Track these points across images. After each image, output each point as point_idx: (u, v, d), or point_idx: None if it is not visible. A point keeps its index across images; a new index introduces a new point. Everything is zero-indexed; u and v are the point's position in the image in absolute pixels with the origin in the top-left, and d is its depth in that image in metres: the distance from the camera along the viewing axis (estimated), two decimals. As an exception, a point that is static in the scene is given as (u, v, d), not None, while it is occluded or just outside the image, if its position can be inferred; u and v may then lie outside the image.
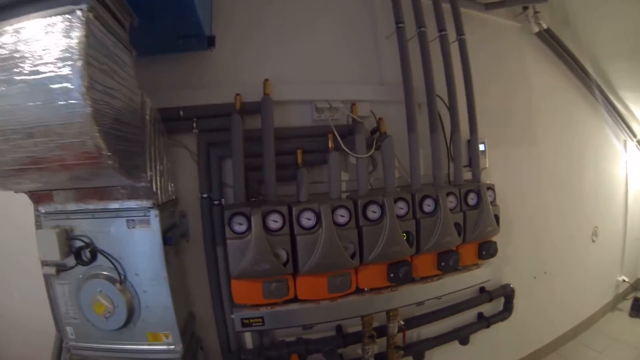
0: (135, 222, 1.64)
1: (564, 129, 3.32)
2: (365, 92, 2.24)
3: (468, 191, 2.22)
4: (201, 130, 2.00)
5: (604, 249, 3.90)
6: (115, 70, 1.34)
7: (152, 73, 1.90)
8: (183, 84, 2.03)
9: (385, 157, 2.04)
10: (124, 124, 1.41)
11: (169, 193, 1.87)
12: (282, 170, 2.01)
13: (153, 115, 1.73)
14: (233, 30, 2.12)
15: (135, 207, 1.63)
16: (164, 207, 1.77)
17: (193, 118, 1.97)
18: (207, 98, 2.00)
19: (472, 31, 2.52)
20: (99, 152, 1.21)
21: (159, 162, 1.75)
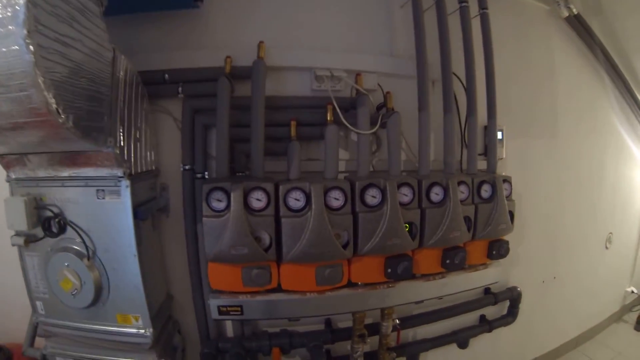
0: (105, 193, 1.47)
1: (587, 125, 3.01)
2: (373, 63, 1.95)
3: (482, 182, 1.94)
4: (187, 96, 1.78)
5: (616, 257, 3.62)
6: (74, 17, 1.16)
7: (136, 33, 1.75)
8: (170, 46, 1.81)
9: (391, 136, 1.77)
10: (86, 79, 1.22)
11: (147, 162, 1.68)
12: (274, 143, 1.78)
13: (130, 75, 1.53)
14: None
15: (105, 175, 1.45)
16: (140, 177, 1.59)
17: (179, 82, 1.76)
18: (196, 61, 1.78)
19: (495, 9, 2.21)
20: (47, 107, 1.02)
21: (134, 128, 1.56)
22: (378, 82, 1.91)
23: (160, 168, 1.82)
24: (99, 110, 1.32)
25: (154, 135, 1.76)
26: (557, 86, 2.70)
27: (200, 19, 1.80)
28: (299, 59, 1.84)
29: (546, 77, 2.66)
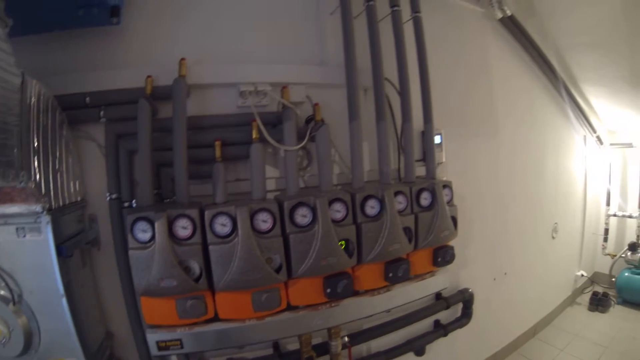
0: (26, 230, 1.31)
1: (525, 121, 3.00)
2: (301, 73, 1.79)
3: (421, 190, 1.82)
4: (109, 120, 1.59)
5: (563, 245, 3.68)
6: None
7: (52, 53, 1.54)
8: (89, 66, 1.60)
9: (321, 150, 1.62)
10: None
11: (71, 194, 1.51)
12: (200, 166, 1.62)
13: (44, 101, 1.36)
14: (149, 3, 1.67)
15: (24, 212, 1.28)
16: (64, 211, 1.42)
17: (101, 105, 1.58)
18: (117, 82, 1.59)
19: (429, 12, 2.10)
20: None
21: (53, 158, 1.38)
22: (307, 93, 1.76)
23: (87, 198, 1.62)
24: (7, 143, 1.16)
25: (78, 163, 1.57)
26: (494, 86, 2.66)
27: (120, 36, 1.61)
28: (222, 75, 1.66)
29: (483, 77, 2.60)
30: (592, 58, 3.29)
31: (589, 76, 3.48)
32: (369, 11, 1.82)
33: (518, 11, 2.79)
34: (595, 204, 4.29)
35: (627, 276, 3.88)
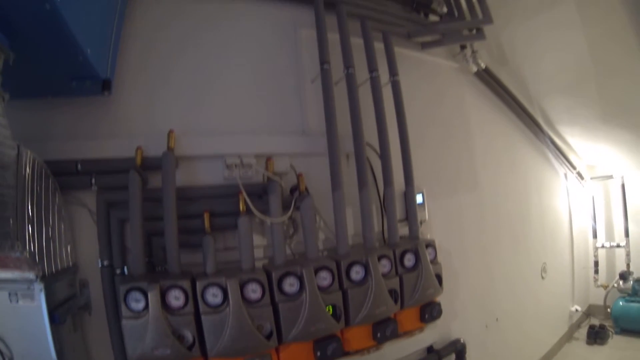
0: (19, 296, 1.30)
1: (505, 168, 3.08)
2: (285, 144, 1.85)
3: (404, 251, 1.86)
4: (101, 188, 1.60)
5: (554, 283, 3.68)
6: None
7: (45, 119, 1.56)
8: (80, 133, 1.63)
9: (305, 220, 1.66)
10: None
11: (63, 260, 1.48)
12: (189, 236, 1.63)
13: (38, 170, 1.37)
14: (140, 76, 1.73)
15: (17, 278, 1.28)
16: (56, 277, 1.40)
17: (92, 173, 1.59)
18: (107, 151, 1.62)
19: (407, 72, 2.22)
20: None
21: (46, 226, 1.37)
22: (291, 162, 1.81)
23: (78, 263, 1.60)
24: (4, 215, 1.16)
25: (69, 229, 1.56)
26: (472, 137, 2.74)
27: (110, 107, 1.65)
28: (209, 147, 1.70)
29: (461, 131, 2.68)
30: (564, 100, 3.45)
31: (563, 117, 3.63)
32: (349, 79, 1.91)
33: (491, 62, 2.95)
34: (582, 238, 4.34)
35: (622, 305, 3.89)
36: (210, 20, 1.89)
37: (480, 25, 2.48)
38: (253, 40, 1.97)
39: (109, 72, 1.54)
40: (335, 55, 1.93)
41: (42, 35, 1.20)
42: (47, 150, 1.43)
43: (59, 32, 1.18)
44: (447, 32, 2.46)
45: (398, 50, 2.21)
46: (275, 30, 2.03)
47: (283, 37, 2.04)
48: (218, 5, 1.92)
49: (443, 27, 2.40)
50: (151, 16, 1.77)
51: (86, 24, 1.31)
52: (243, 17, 1.96)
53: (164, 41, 1.79)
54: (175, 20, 1.83)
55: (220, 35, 1.90)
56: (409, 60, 2.38)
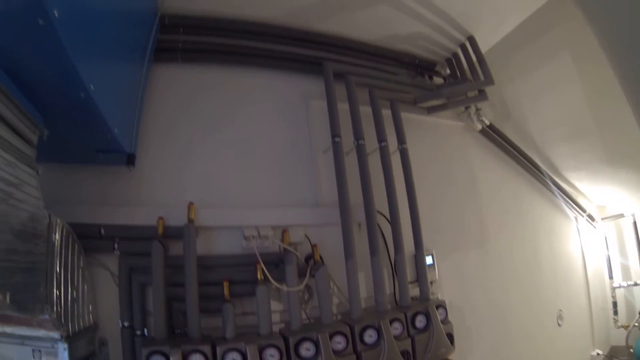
0: (42, 354, 1.33)
1: (513, 220, 3.10)
2: (299, 216, 1.95)
3: (415, 313, 1.90)
4: (123, 253, 1.68)
5: (572, 329, 3.56)
6: (9, 193, 1.06)
7: (72, 183, 1.65)
8: (105, 199, 1.74)
9: (320, 288, 1.74)
10: (22, 254, 1.13)
11: (85, 319, 1.53)
12: (209, 302, 1.69)
13: (66, 236, 1.43)
14: (161, 147, 1.87)
15: (42, 336, 1.31)
16: (78, 336, 1.43)
17: (115, 238, 1.67)
18: (131, 217, 1.71)
19: (414, 134, 2.33)
20: None
21: (71, 288, 1.43)
22: (306, 232, 1.90)
23: (98, 322, 1.65)
24: (35, 281, 1.23)
25: (92, 290, 1.62)
26: (480, 193, 2.79)
27: (134, 176, 1.76)
28: (227, 219, 1.81)
29: (469, 188, 2.74)
30: (568, 147, 3.49)
31: (569, 163, 3.66)
32: (359, 150, 2.02)
33: (495, 118, 3.05)
34: (598, 279, 4.22)
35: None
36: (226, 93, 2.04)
37: (482, 87, 2.60)
38: (268, 112, 2.11)
39: (133, 147, 1.65)
40: (345, 122, 2.04)
41: (75, 117, 1.27)
42: (72, 213, 1.50)
43: (91, 116, 1.24)
44: (451, 96, 2.58)
45: (405, 115, 2.32)
46: (287, 102, 2.17)
47: (295, 109, 2.18)
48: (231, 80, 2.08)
49: (447, 92, 2.52)
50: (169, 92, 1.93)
51: (115, 106, 1.39)
52: (258, 89, 2.12)
53: (183, 115, 1.93)
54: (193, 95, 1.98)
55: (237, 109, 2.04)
56: (416, 123, 2.49)
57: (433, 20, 2.36)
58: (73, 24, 0.94)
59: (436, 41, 2.59)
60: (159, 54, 1.91)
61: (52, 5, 0.82)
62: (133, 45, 1.65)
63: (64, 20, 0.87)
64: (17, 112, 1.09)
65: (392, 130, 2.23)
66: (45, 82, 1.09)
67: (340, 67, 2.21)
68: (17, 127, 1.11)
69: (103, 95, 1.19)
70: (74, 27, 0.95)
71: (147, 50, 1.79)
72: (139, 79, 1.73)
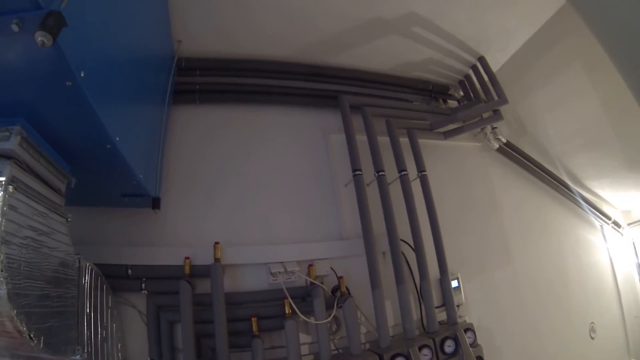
0: None
1: (537, 235, 3.01)
2: (324, 250, 1.96)
3: (444, 339, 1.87)
4: (150, 292, 1.71)
5: (606, 341, 3.39)
6: (42, 241, 1.11)
7: (99, 225, 1.69)
8: (131, 240, 1.77)
9: (348, 319, 1.74)
10: (54, 299, 1.16)
11: (115, 357, 1.55)
12: (238, 337, 1.70)
13: (95, 278, 1.46)
14: (184, 189, 1.91)
15: None
16: None
17: (142, 278, 1.69)
18: (157, 258, 1.73)
19: (432, 159, 2.34)
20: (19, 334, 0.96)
21: (101, 328, 1.46)
22: (331, 265, 1.91)
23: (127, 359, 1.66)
24: (67, 323, 1.24)
25: (120, 328, 1.63)
26: (501, 211, 2.74)
27: (160, 218, 1.80)
28: (253, 256, 1.84)
29: (490, 207, 2.70)
30: (587, 157, 3.41)
31: (589, 172, 3.56)
32: (380, 181, 2.04)
33: (511, 135, 3.01)
34: (629, 287, 4.03)
35: (681, 348, 3.55)
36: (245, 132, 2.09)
37: (496, 107, 2.59)
38: (288, 149, 2.15)
39: (157, 191, 1.68)
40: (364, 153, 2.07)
41: (101, 165, 1.30)
42: (98, 255, 1.52)
43: (117, 165, 1.26)
44: (466, 119, 2.58)
45: (422, 142, 2.33)
46: (306, 136, 2.22)
47: (315, 144, 2.22)
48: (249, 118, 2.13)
49: (462, 115, 2.52)
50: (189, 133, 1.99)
51: (139, 153, 1.41)
52: (276, 127, 2.17)
53: (204, 156, 1.98)
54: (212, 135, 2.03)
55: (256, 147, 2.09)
56: (433, 148, 2.49)
57: (443, 45, 2.39)
58: (98, 81, 0.97)
59: (448, 65, 2.61)
60: (177, 96, 1.98)
61: (79, 68, 0.85)
62: (153, 91, 1.69)
63: (89, 79, 0.89)
64: (46, 164, 1.14)
65: (411, 157, 2.24)
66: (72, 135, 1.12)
67: (356, 100, 2.25)
68: (46, 178, 1.16)
69: (128, 144, 1.22)
70: (99, 84, 0.98)
71: (166, 94, 1.84)
72: (160, 123, 1.78)
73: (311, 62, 2.29)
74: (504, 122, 2.90)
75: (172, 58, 1.95)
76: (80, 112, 0.98)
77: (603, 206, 3.88)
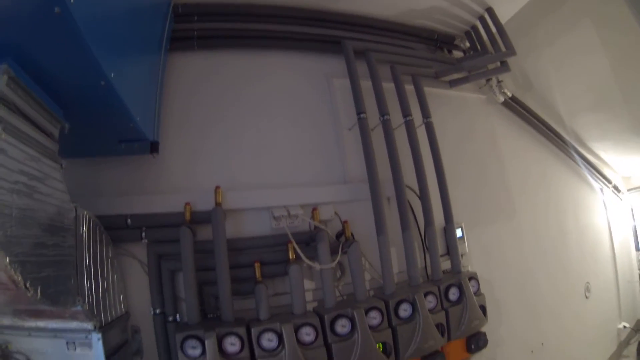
0: (76, 345, 1.32)
1: (539, 192, 3.03)
2: (328, 194, 1.93)
3: (449, 286, 1.89)
4: (151, 241, 1.68)
5: (599, 302, 3.51)
6: (34, 187, 1.07)
7: (95, 176, 1.66)
8: (130, 189, 1.73)
9: (353, 264, 1.73)
10: (50, 247, 1.13)
11: (117, 309, 1.54)
12: (240, 284, 1.69)
13: (93, 227, 1.43)
14: (182, 134, 1.85)
15: (75, 328, 1.31)
16: (111, 325, 1.44)
17: (142, 227, 1.66)
18: (156, 205, 1.70)
19: (437, 109, 2.29)
20: (14, 284, 0.94)
21: (102, 279, 1.44)
22: (335, 210, 1.89)
23: (130, 311, 1.66)
24: (65, 273, 1.22)
25: (122, 279, 1.62)
26: (505, 165, 2.73)
27: (158, 164, 1.75)
28: (256, 200, 1.79)
29: (493, 161, 2.69)
30: (593, 117, 3.39)
31: (593, 133, 3.56)
32: (385, 125, 1.99)
33: (516, 89, 2.97)
34: (625, 251, 4.14)
35: (671, 317, 3.68)
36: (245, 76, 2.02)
37: (504, 59, 2.53)
38: (289, 93, 2.09)
39: (155, 135, 1.62)
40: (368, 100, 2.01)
41: (96, 107, 1.25)
42: (97, 206, 1.49)
43: (113, 105, 1.22)
44: (472, 69, 2.52)
45: (427, 90, 2.28)
46: (309, 82, 2.15)
47: (317, 88, 2.15)
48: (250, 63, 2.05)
49: (469, 64, 2.46)
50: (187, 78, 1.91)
51: (135, 94, 1.36)
52: (277, 71, 2.09)
53: (203, 101, 1.91)
54: (211, 80, 1.95)
55: (256, 91, 2.02)
56: (438, 98, 2.44)
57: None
58: (89, 12, 0.92)
59: (454, 14, 2.52)
60: (175, 43, 1.90)
61: (66, -8, 0.79)
62: (148, 36, 1.63)
63: (79, 7, 0.85)
64: (37, 107, 1.09)
65: (416, 105, 2.19)
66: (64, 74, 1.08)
67: (359, 45, 2.17)
68: (37, 121, 1.11)
69: (123, 82, 1.18)
70: (89, 15, 0.93)
71: (163, 40, 1.77)
72: (157, 68, 1.71)
73: (313, 6, 2.18)
74: (510, 76, 2.86)
75: (168, 4, 1.86)
76: (71, 44, 0.93)
77: (604, 170, 3.90)
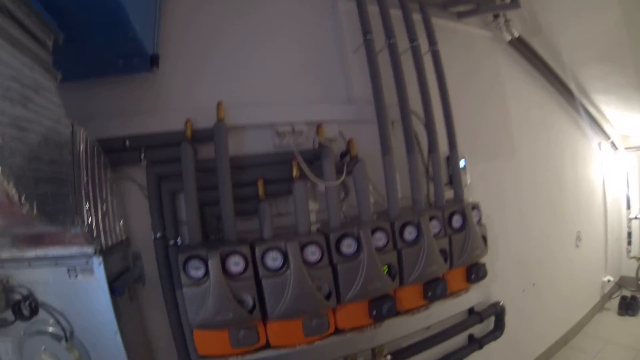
0: (77, 271, 1.31)
1: (540, 137, 3.04)
2: (333, 112, 1.88)
3: (452, 213, 1.90)
4: (150, 162, 1.62)
5: (588, 252, 3.64)
6: (28, 96, 1.03)
7: (92, 98, 1.58)
8: (128, 111, 1.65)
9: (358, 184, 1.71)
10: (46, 162, 1.10)
11: (117, 234, 1.52)
12: (243, 204, 1.65)
13: (91, 147, 1.39)
14: (183, 49, 1.76)
15: (75, 254, 1.29)
16: (112, 250, 1.43)
17: (141, 148, 1.60)
18: (156, 125, 1.63)
19: (443, 42, 2.21)
20: (8, 198, 0.91)
21: (101, 201, 1.41)
22: (339, 129, 1.85)
23: (130, 237, 1.64)
24: (62, 192, 1.19)
25: (121, 204, 1.60)
26: (508, 105, 2.72)
27: (157, 82, 1.67)
28: (259, 116, 1.74)
29: (497, 99, 2.67)
30: (599, 69, 3.36)
31: (598, 86, 3.54)
32: (391, 48, 1.93)
33: (524, 31, 2.90)
34: (616, 208, 4.25)
35: (654, 277, 3.84)
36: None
37: (516, -8, 2.45)
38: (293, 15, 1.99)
39: (155, 48, 1.54)
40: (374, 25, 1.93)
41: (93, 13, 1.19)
42: (94, 129, 1.44)
43: (110, 9, 1.17)
44: (481, 2, 2.43)
45: (434, 21, 2.20)
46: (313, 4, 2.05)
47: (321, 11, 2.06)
48: None
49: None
50: None
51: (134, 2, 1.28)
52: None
53: (206, 15, 1.80)
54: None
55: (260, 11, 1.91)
56: (444, 30, 2.36)
57: None
58: None
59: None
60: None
61: None
62: None
63: None
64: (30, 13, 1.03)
65: (423, 35, 2.12)
66: None
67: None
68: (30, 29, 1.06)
69: None
70: None
71: None
72: None
73: None
74: (519, 17, 2.78)
75: None
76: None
77: (604, 124, 3.93)
